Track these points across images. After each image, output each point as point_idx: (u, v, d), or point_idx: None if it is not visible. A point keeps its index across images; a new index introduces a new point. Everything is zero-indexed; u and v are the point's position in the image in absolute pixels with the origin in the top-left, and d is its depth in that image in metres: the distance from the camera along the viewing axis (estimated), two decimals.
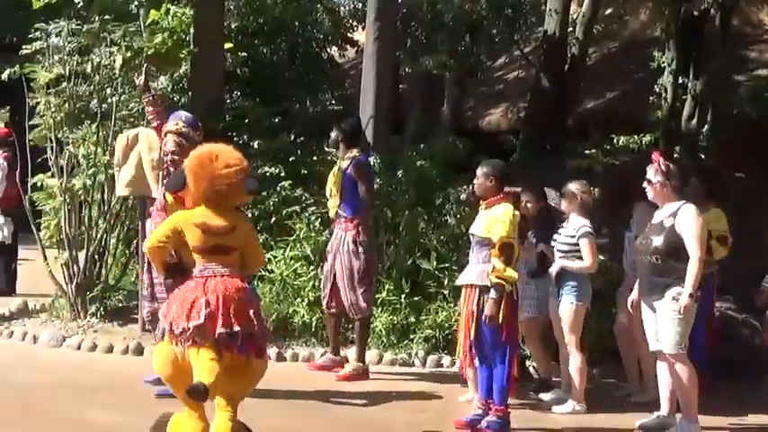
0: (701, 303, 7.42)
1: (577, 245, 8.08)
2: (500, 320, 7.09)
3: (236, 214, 6.29)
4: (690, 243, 7.12)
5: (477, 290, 7.21)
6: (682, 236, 7.16)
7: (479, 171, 7.46)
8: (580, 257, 8.07)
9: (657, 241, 7.26)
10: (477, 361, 7.31)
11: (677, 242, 7.17)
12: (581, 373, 8.08)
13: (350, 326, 9.35)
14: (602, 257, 9.25)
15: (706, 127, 14.68)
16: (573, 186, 8.29)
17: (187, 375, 5.99)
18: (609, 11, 19.32)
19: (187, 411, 6.16)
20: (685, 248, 7.14)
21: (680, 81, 14.86)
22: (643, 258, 7.42)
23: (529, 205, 8.51)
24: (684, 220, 7.21)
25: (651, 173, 7.44)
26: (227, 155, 6.16)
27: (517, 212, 7.35)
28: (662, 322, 7.24)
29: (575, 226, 8.16)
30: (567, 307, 8.10)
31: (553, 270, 8.19)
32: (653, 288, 7.30)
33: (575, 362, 8.07)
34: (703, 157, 14.24)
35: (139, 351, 9.43)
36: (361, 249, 8.71)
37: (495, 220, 7.19)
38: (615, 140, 15.31)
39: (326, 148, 11.18)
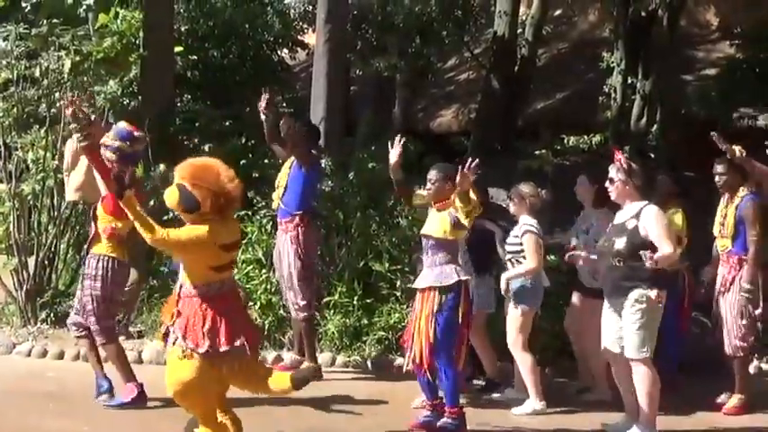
0: (668, 309, 7.31)
1: (522, 244, 8.11)
2: (459, 318, 7.07)
3: (237, 225, 6.51)
4: (659, 243, 6.95)
5: (437, 291, 7.13)
6: (647, 237, 6.99)
7: (436, 175, 7.37)
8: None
9: (620, 243, 7.10)
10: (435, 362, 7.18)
11: (640, 244, 6.99)
12: (533, 373, 8.04)
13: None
14: (552, 257, 9.31)
15: (655, 127, 14.85)
16: (521, 189, 8.28)
17: (215, 389, 6.15)
18: (558, 12, 19.52)
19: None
20: (648, 250, 7.04)
21: (629, 81, 15.04)
22: (605, 261, 7.36)
23: None
24: (648, 221, 7.04)
25: (613, 171, 7.27)
26: (224, 167, 6.39)
27: None
28: (626, 326, 7.11)
29: (520, 226, 8.19)
30: (518, 310, 8.08)
31: (503, 285, 8.15)
32: (617, 290, 7.16)
33: (524, 362, 8.06)
34: (652, 156, 14.38)
35: None
36: (301, 249, 8.72)
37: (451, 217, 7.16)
38: (565, 141, 15.45)
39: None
